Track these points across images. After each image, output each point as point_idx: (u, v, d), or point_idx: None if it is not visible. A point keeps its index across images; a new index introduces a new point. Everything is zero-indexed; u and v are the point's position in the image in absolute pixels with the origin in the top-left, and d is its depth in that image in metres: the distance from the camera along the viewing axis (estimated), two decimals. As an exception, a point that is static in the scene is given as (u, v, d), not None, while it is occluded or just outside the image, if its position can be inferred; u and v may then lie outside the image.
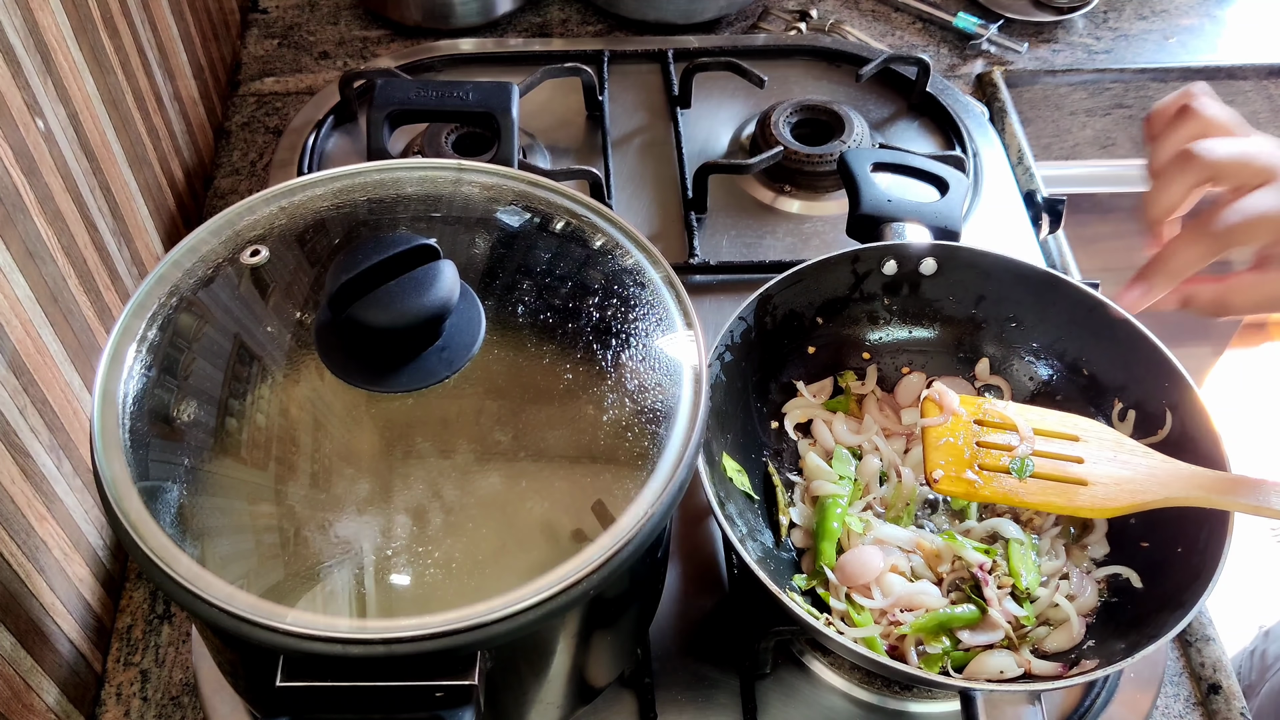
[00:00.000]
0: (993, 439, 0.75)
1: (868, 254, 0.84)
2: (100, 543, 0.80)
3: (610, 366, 0.59)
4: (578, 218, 0.66)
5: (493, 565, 0.52)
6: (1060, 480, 0.73)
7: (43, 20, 0.73)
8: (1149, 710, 0.77)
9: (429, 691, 0.51)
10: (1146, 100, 1.32)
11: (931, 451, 0.76)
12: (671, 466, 0.56)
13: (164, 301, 0.61)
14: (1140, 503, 0.71)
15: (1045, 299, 0.83)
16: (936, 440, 0.76)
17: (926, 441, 0.76)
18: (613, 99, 1.16)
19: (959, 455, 0.75)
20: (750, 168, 1.03)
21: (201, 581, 0.51)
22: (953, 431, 0.76)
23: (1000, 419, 0.76)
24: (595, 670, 0.67)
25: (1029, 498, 0.73)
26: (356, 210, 0.66)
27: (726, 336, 0.79)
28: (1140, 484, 0.72)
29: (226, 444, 0.56)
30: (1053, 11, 1.29)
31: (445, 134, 1.04)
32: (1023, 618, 0.74)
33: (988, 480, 0.74)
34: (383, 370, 0.57)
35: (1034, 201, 1.08)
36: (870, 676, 0.76)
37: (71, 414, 0.75)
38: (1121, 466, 0.73)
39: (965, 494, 0.74)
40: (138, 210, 0.90)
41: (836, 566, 0.75)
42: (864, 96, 1.17)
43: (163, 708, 0.77)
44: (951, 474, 0.74)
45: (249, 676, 0.62)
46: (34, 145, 0.71)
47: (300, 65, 1.24)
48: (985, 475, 0.74)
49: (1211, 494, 0.69)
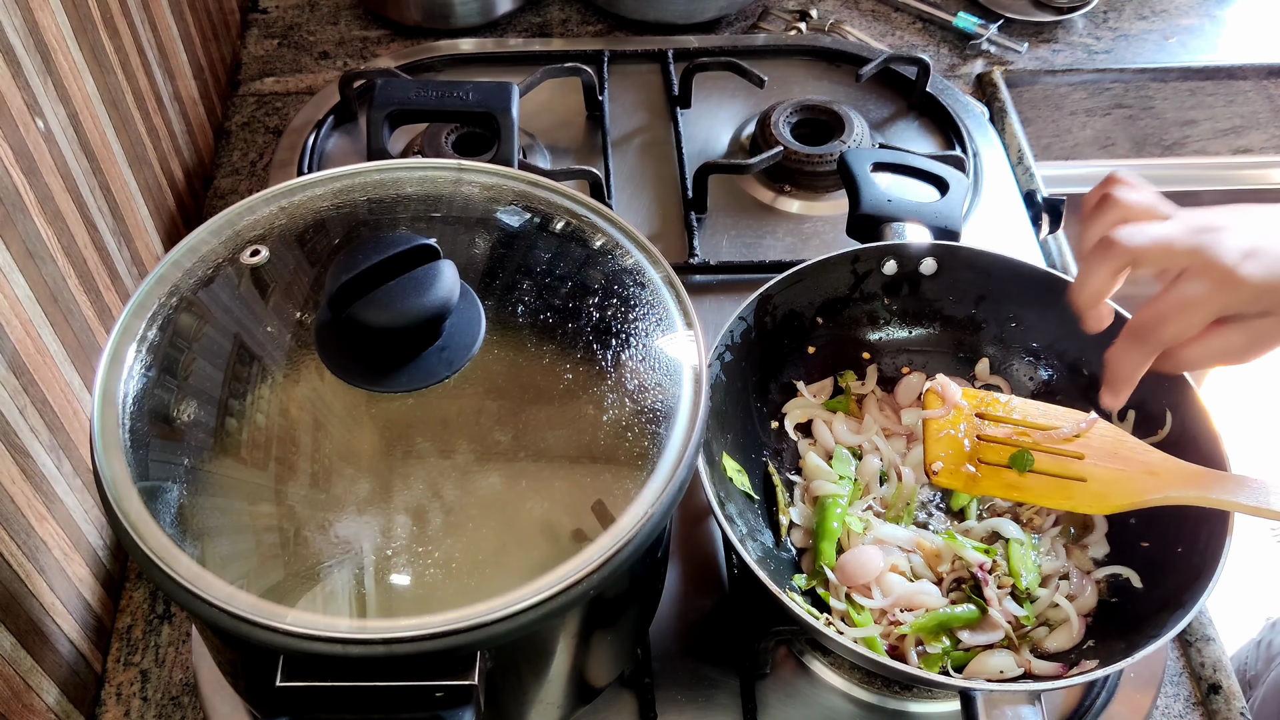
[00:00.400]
0: (994, 432, 0.75)
1: (868, 254, 0.84)
2: (100, 543, 0.80)
3: (610, 366, 0.59)
4: (578, 218, 0.66)
5: (493, 565, 0.52)
6: (1060, 476, 0.73)
7: (43, 20, 0.73)
8: (1149, 710, 0.77)
9: (429, 691, 0.51)
10: (1147, 100, 1.32)
11: (932, 444, 0.76)
12: (671, 466, 0.56)
13: (164, 301, 0.61)
14: (1140, 501, 0.71)
15: (1045, 299, 0.83)
16: (937, 433, 0.76)
17: (927, 434, 0.76)
18: (613, 99, 1.16)
19: (959, 448, 0.75)
20: (750, 168, 1.03)
21: (201, 581, 0.51)
22: (954, 424, 0.76)
23: (1003, 411, 0.76)
24: (595, 670, 0.67)
25: (1028, 493, 0.73)
26: (356, 210, 0.66)
27: (726, 336, 0.79)
28: (1140, 482, 0.72)
29: (226, 444, 0.56)
30: (1053, 11, 1.29)
31: (445, 134, 1.04)
32: (1023, 618, 0.74)
33: (987, 474, 0.74)
34: (383, 370, 0.57)
35: (1034, 201, 1.08)
36: (870, 676, 0.76)
37: (71, 414, 0.75)
38: (1122, 464, 0.73)
39: (964, 487, 0.74)
40: (138, 210, 0.90)
41: (836, 566, 0.75)
42: (864, 96, 1.17)
43: (163, 708, 0.77)
44: (951, 467, 0.74)
45: (249, 676, 0.62)
46: (34, 145, 0.71)
47: (300, 65, 1.24)
48: (985, 469, 0.74)
49: (1210, 493, 0.69)
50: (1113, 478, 0.72)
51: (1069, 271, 1.06)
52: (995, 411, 0.77)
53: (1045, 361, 0.85)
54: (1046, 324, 0.84)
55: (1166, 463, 0.72)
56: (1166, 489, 0.71)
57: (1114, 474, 0.72)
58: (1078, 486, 0.72)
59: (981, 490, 0.74)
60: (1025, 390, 0.85)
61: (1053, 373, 0.84)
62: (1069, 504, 0.73)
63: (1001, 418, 0.76)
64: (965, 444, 0.75)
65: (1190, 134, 1.38)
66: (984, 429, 0.76)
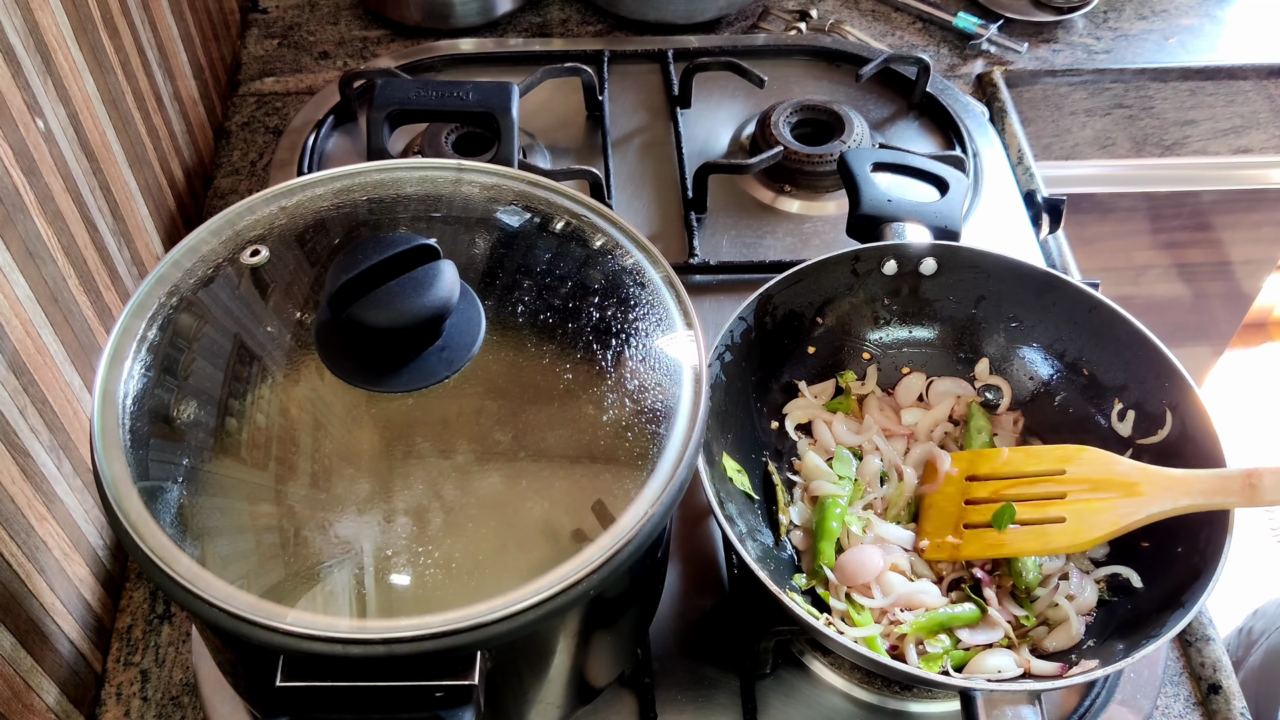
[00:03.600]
0: (980, 493, 0.77)
1: (868, 254, 0.84)
2: (100, 543, 0.80)
3: (610, 366, 0.59)
4: (578, 218, 0.66)
5: (493, 565, 0.52)
6: (1039, 522, 0.74)
7: (43, 20, 0.73)
8: (1149, 710, 0.77)
9: (429, 691, 0.51)
10: (1147, 100, 1.32)
11: (923, 518, 0.79)
12: (671, 466, 0.56)
13: (164, 301, 0.61)
14: (1121, 526, 0.71)
15: (1045, 299, 0.83)
16: (929, 505, 0.78)
17: (922, 507, 0.79)
18: (613, 99, 1.16)
19: (947, 517, 0.77)
20: (750, 168, 1.03)
21: (201, 581, 0.51)
22: (943, 493, 0.78)
23: (991, 469, 0.78)
24: (595, 670, 0.67)
25: (1007, 548, 0.75)
26: (356, 210, 0.66)
27: (726, 336, 0.79)
28: (1122, 508, 0.72)
29: (226, 444, 0.56)
30: (1053, 11, 1.29)
31: (445, 134, 1.04)
32: (1022, 617, 0.74)
33: (970, 539, 0.75)
34: (383, 370, 0.57)
35: (1034, 201, 1.08)
36: (870, 676, 0.76)
37: (71, 414, 0.75)
38: (1104, 493, 0.73)
39: (950, 557, 0.76)
40: (138, 210, 0.90)
41: (836, 566, 0.75)
42: (864, 96, 1.17)
43: (163, 708, 0.77)
44: (937, 540, 0.76)
45: (249, 676, 0.62)
46: (34, 145, 0.71)
47: (300, 65, 1.24)
48: (968, 534, 0.76)
49: (1200, 499, 0.69)
50: (1090, 510, 0.73)
51: (1069, 271, 1.06)
52: (984, 470, 0.78)
53: (1045, 361, 0.85)
54: (1046, 324, 0.84)
55: (1149, 477, 0.72)
56: (1151, 508, 0.71)
57: (1092, 506, 0.73)
58: (1055, 529, 0.73)
59: (966, 556, 0.76)
60: (1025, 390, 0.85)
61: (1053, 373, 0.84)
62: (1048, 548, 0.74)
63: (989, 475, 0.78)
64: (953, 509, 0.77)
65: (1190, 134, 1.38)
66: (972, 491, 0.78)
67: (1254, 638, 1.08)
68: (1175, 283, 1.63)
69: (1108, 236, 1.51)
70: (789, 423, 0.84)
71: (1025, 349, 0.85)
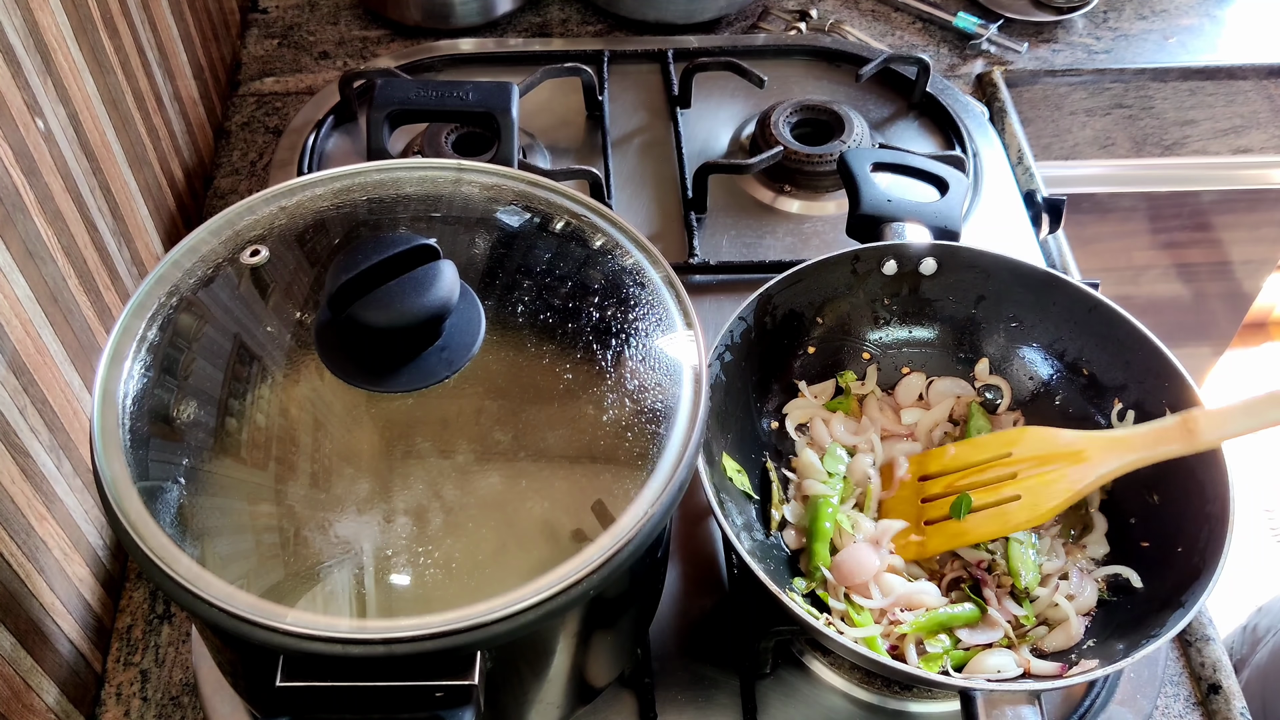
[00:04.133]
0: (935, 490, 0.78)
1: (868, 254, 0.84)
2: (100, 543, 0.80)
3: (610, 366, 0.59)
4: (578, 218, 0.66)
5: (492, 565, 0.52)
6: (995, 504, 0.75)
7: (43, 20, 0.73)
8: (1149, 710, 0.77)
9: (429, 691, 0.51)
10: (1146, 100, 1.32)
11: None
12: (671, 466, 0.56)
13: (164, 301, 0.61)
14: (1076, 491, 0.73)
15: (1045, 299, 0.83)
16: (887, 510, 0.80)
17: (882, 513, 0.80)
18: (613, 99, 1.16)
19: (907, 519, 0.78)
20: (750, 168, 1.03)
21: (201, 581, 0.51)
22: (899, 497, 0.79)
23: (940, 467, 0.79)
24: (595, 670, 0.67)
25: (971, 535, 0.75)
26: (356, 210, 0.66)
27: (726, 336, 0.79)
28: (1072, 475, 0.73)
29: (226, 444, 0.56)
30: (1053, 11, 1.29)
31: (445, 134, 1.04)
32: (1022, 617, 0.74)
33: (932, 533, 0.76)
34: (383, 370, 0.57)
35: (1034, 201, 1.08)
36: (870, 676, 0.76)
37: (71, 414, 0.75)
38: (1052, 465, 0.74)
39: (917, 555, 0.77)
40: (138, 210, 0.90)
41: (833, 565, 0.75)
42: (864, 96, 1.17)
43: (163, 708, 0.77)
44: (902, 541, 0.77)
45: (249, 676, 0.62)
46: (34, 145, 0.71)
47: (300, 65, 1.24)
48: (930, 529, 0.77)
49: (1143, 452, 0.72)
50: (1043, 483, 0.74)
51: (1069, 271, 1.06)
52: (934, 468, 0.79)
53: (1045, 361, 0.85)
54: (1046, 324, 0.84)
55: (1092, 442, 0.74)
56: (1100, 468, 0.73)
57: (1044, 480, 0.74)
58: (1012, 507, 0.74)
59: (931, 551, 0.76)
60: (1025, 390, 0.85)
61: (1053, 373, 0.84)
62: (1009, 526, 0.74)
63: (939, 471, 0.79)
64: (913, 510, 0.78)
65: (1190, 134, 1.38)
66: (927, 490, 0.79)
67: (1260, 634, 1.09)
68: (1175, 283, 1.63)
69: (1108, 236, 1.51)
70: (789, 423, 0.84)
71: (1025, 349, 0.85)
